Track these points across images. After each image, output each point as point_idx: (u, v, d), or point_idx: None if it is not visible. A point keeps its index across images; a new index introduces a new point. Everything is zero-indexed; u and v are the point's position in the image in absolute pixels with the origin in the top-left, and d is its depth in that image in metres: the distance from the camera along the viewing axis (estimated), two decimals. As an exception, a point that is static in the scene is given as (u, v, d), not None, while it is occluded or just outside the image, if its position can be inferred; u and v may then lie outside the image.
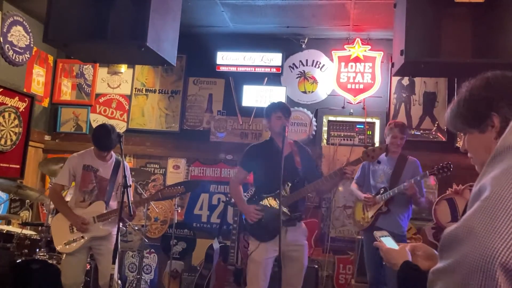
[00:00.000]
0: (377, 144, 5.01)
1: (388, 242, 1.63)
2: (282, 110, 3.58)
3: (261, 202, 3.53)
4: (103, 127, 3.69)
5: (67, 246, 3.59)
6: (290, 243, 3.38)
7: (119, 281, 3.70)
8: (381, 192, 3.94)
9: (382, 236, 1.67)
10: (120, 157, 3.84)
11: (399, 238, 3.66)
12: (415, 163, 4.00)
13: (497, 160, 0.76)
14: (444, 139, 4.94)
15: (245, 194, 3.74)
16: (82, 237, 3.60)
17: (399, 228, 3.86)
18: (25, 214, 5.31)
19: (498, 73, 1.21)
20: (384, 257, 1.59)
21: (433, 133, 4.98)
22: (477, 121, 1.21)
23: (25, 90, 5.21)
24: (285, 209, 3.39)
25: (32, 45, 5.19)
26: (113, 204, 3.79)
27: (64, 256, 3.65)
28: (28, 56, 5.16)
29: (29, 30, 5.12)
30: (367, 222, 3.99)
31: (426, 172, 3.77)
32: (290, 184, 3.44)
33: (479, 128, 1.21)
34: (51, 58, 5.67)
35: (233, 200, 4.24)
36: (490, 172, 0.76)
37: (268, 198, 3.52)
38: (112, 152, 3.83)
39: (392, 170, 3.98)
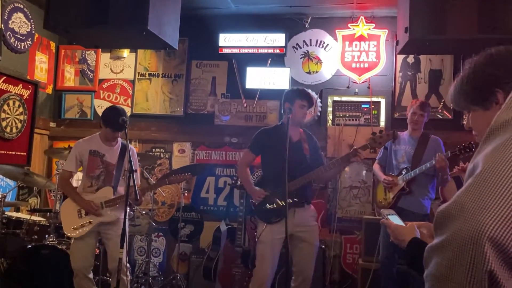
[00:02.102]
0: (382, 123, 5.00)
1: (395, 220, 1.63)
2: (308, 100, 3.60)
3: (268, 187, 3.59)
4: (113, 108, 3.75)
5: (76, 231, 3.63)
6: (299, 224, 3.42)
7: (128, 265, 3.75)
8: (403, 172, 3.93)
9: (389, 215, 1.66)
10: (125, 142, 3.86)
11: (421, 218, 3.68)
12: (437, 141, 3.98)
13: (491, 137, 0.76)
14: (450, 117, 4.90)
15: (253, 177, 3.79)
16: (90, 222, 3.64)
17: (422, 208, 3.86)
18: (34, 201, 5.37)
19: (502, 49, 1.19)
20: (391, 234, 1.59)
21: (439, 111, 4.93)
22: (481, 98, 1.19)
23: (28, 77, 5.20)
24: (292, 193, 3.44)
25: (33, 32, 5.17)
26: (121, 189, 3.82)
27: (72, 240, 3.70)
28: (30, 43, 5.14)
29: (30, 17, 5.09)
30: (389, 203, 4.00)
31: (448, 152, 3.76)
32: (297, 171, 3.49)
33: (483, 105, 1.19)
34: (53, 45, 5.65)
35: (239, 182, 4.28)
36: (484, 149, 0.76)
37: (276, 183, 3.55)
38: (119, 138, 3.86)
39: (413, 150, 3.97)
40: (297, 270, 3.56)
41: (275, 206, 3.54)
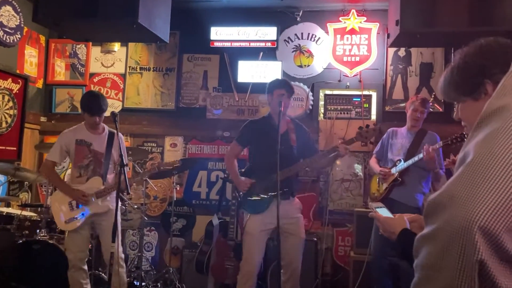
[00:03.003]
0: (373, 117, 5.01)
1: (384, 213, 1.63)
2: (286, 87, 3.59)
3: (254, 178, 3.60)
4: (89, 93, 3.82)
5: (68, 224, 3.62)
6: (284, 216, 3.41)
7: (123, 255, 3.75)
8: (397, 164, 3.95)
9: (378, 207, 1.67)
10: (113, 130, 3.84)
11: (413, 211, 3.69)
12: (434, 136, 3.99)
13: (482, 125, 0.76)
14: (441, 110, 4.93)
15: (242, 170, 3.79)
16: (82, 215, 3.63)
17: (414, 201, 3.86)
18: (24, 196, 5.33)
19: (491, 40, 1.19)
20: (381, 226, 1.59)
21: (430, 104, 4.94)
22: (471, 88, 1.20)
23: (18, 71, 5.15)
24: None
25: (22, 25, 5.10)
26: (110, 178, 3.81)
27: (67, 233, 3.70)
28: (19, 36, 5.08)
29: (19, 10, 5.03)
30: (381, 193, 4.02)
31: (440, 142, 3.77)
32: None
33: (472, 96, 1.20)
34: (43, 38, 5.59)
35: (227, 172, 4.30)
36: (475, 137, 0.75)
37: (262, 173, 3.57)
38: (104, 125, 3.83)
39: (410, 144, 3.98)
40: (285, 264, 3.55)
41: (259, 197, 3.56)
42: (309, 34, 5.25)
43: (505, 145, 0.70)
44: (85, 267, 3.70)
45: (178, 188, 5.01)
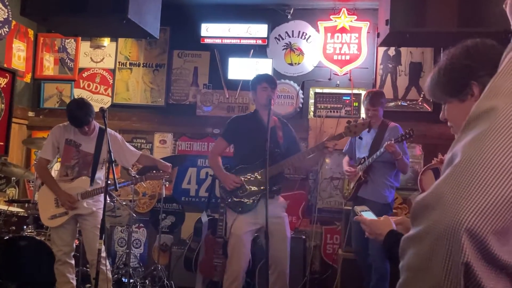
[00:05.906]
0: (363, 115, 5.03)
1: (369, 216, 1.65)
2: (267, 81, 3.59)
3: (240, 174, 3.57)
4: (72, 104, 3.67)
5: (51, 221, 3.60)
6: (270, 215, 3.40)
7: (104, 254, 3.72)
8: (362, 162, 3.97)
9: (363, 211, 1.69)
10: (103, 127, 3.80)
11: (382, 207, 3.71)
12: (395, 128, 3.96)
13: (470, 127, 0.75)
14: (430, 110, 4.96)
15: (227, 165, 3.77)
16: (66, 213, 3.60)
17: (381, 198, 3.87)
18: (12, 192, 5.27)
19: (478, 41, 1.21)
20: (367, 229, 1.60)
21: (419, 103, 4.99)
22: (457, 90, 1.21)
23: (5, 65, 5.09)
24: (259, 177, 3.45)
25: (10, 19, 5.04)
26: (99, 177, 3.77)
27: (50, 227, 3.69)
28: (7, 30, 5.02)
29: (7, 3, 4.96)
30: (350, 193, 4.08)
31: (391, 139, 3.75)
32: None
33: (458, 97, 1.21)
34: (31, 32, 5.53)
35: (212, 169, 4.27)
36: (463, 138, 0.75)
37: (248, 170, 3.55)
38: (95, 124, 3.77)
39: (372, 140, 4.00)
40: (271, 263, 3.48)
41: (249, 200, 3.54)
42: (299, 32, 5.25)
43: (493, 147, 0.70)
44: (72, 261, 3.69)
45: (167, 185, 5.00)
